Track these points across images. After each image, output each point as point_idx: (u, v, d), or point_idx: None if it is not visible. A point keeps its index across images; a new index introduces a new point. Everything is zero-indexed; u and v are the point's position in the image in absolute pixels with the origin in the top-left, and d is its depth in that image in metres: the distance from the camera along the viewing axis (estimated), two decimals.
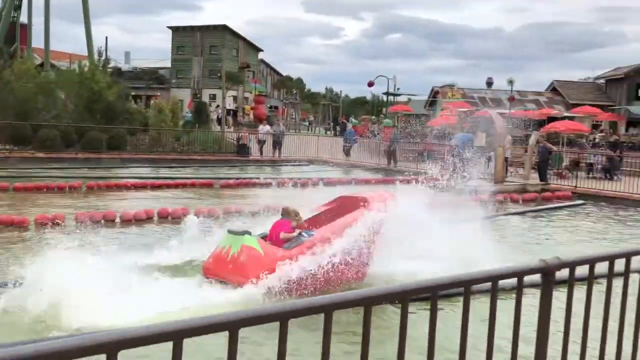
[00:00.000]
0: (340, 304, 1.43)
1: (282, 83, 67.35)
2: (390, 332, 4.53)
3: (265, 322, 1.34)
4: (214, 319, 1.29)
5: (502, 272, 1.84)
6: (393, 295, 1.60)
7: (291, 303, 1.44)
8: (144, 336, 1.21)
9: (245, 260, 6.64)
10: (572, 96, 45.70)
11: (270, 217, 12.19)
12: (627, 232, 12.30)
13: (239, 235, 6.94)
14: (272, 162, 26.27)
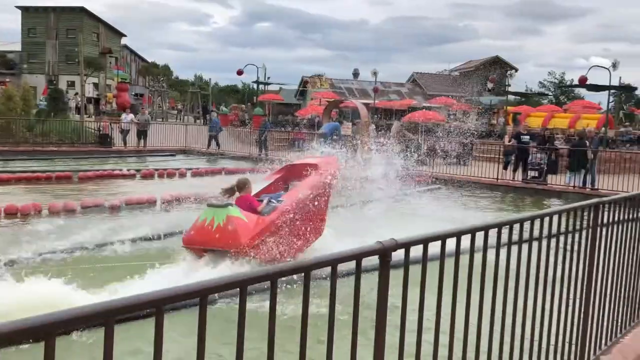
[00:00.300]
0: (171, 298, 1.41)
1: (147, 70, 64.55)
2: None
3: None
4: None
5: (341, 256, 1.91)
6: (233, 285, 1.59)
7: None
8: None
9: (234, 228, 7.09)
10: (430, 87, 48.79)
11: (135, 210, 11.80)
12: (472, 212, 13.38)
13: (221, 207, 7.36)
14: (137, 152, 25.14)
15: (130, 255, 8.10)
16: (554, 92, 66.67)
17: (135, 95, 59.06)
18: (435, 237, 2.27)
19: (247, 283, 1.59)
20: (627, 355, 3.98)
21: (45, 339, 1.23)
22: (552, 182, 17.09)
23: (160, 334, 1.43)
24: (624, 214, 4.04)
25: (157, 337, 1.42)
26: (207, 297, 1.50)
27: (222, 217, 7.18)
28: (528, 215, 2.93)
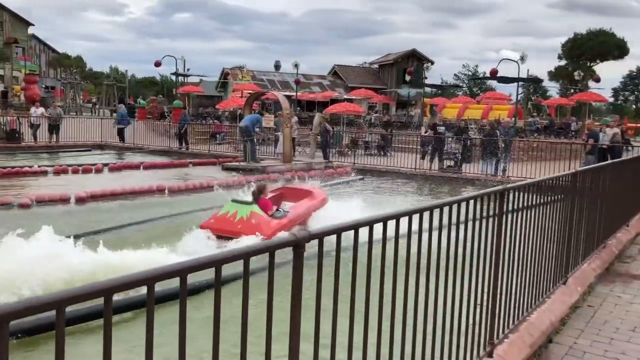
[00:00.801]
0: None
1: (58, 61, 61.29)
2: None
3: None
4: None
5: (253, 249, 1.90)
6: (139, 282, 1.56)
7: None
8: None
9: (258, 222, 8.33)
10: (351, 79, 49.44)
11: (46, 208, 11.20)
12: (394, 200, 13.76)
13: (246, 204, 8.68)
14: (49, 148, 23.88)
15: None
16: (468, 84, 69.49)
17: (46, 88, 55.99)
18: (348, 227, 2.31)
19: (155, 280, 1.56)
20: (533, 332, 4.23)
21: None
22: (466, 171, 17.83)
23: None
24: (529, 199, 4.28)
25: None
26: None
27: (246, 212, 8.40)
28: (438, 202, 3.04)
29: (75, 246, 6.83)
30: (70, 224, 9.51)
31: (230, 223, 8.33)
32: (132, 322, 5.24)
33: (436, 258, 3.01)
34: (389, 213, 2.59)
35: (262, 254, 1.93)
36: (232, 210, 8.53)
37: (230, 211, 8.53)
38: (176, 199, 13.09)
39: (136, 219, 10.04)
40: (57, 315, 1.33)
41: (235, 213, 8.43)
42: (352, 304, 2.37)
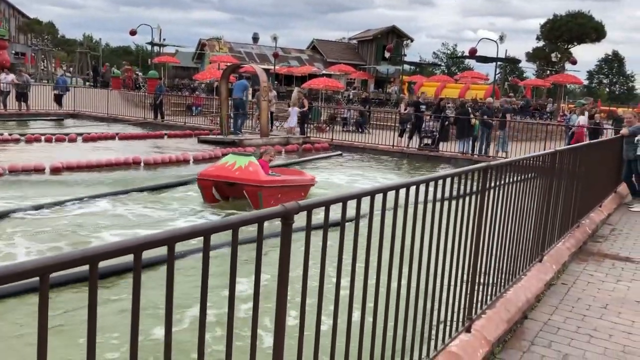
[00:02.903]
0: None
1: (29, 27, 59.46)
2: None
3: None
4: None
5: (242, 219, 1.86)
6: (125, 250, 1.50)
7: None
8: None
9: (255, 170, 9.00)
10: (330, 55, 49.06)
11: (20, 178, 10.94)
12: (373, 175, 13.81)
13: (245, 155, 9.79)
14: (19, 116, 23.28)
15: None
16: (446, 62, 69.58)
17: (16, 54, 54.39)
18: (336, 200, 2.28)
19: (142, 248, 1.51)
20: (510, 308, 4.29)
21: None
22: (443, 149, 17.94)
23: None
24: (509, 177, 4.30)
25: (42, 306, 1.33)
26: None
27: (244, 162, 9.10)
28: (424, 178, 3.02)
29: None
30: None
31: (229, 170, 9.00)
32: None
33: (420, 234, 3.01)
34: (377, 187, 2.56)
35: (251, 224, 1.89)
36: (231, 160, 9.23)
37: (229, 161, 9.22)
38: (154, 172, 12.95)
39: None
40: (41, 282, 1.29)
41: (234, 163, 9.10)
42: (338, 277, 2.35)
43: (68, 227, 7.64)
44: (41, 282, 1.31)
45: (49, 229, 7.45)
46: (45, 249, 6.64)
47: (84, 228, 7.62)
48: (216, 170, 9.24)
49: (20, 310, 4.92)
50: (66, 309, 4.92)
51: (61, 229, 7.49)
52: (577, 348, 4.00)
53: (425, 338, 3.20)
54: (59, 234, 7.26)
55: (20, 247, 6.71)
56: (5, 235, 7.15)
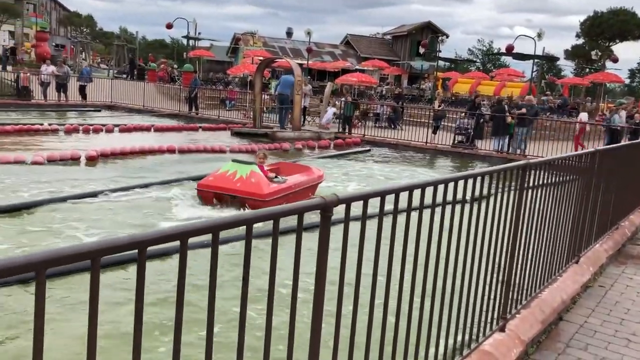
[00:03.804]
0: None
1: (69, 19, 60.83)
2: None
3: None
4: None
5: (282, 210, 1.88)
6: (173, 237, 1.54)
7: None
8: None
9: (257, 181, 8.44)
10: (363, 50, 48.86)
11: (59, 166, 11.24)
12: (405, 173, 13.72)
13: (246, 164, 8.87)
14: (58, 106, 23.84)
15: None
16: (481, 59, 68.60)
17: (56, 46, 55.68)
18: (375, 194, 2.28)
19: (188, 235, 1.54)
20: (545, 309, 4.23)
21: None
22: (477, 147, 17.71)
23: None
24: (548, 177, 4.23)
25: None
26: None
27: (246, 172, 8.52)
28: (462, 174, 3.00)
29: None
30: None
31: (229, 181, 8.46)
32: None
33: (457, 231, 2.99)
34: (416, 182, 2.55)
35: (290, 215, 1.91)
36: (231, 169, 8.65)
37: (229, 170, 8.65)
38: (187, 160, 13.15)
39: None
40: (93, 264, 1.33)
41: (235, 172, 8.56)
42: (375, 271, 2.35)
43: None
44: (93, 264, 1.35)
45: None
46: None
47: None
48: (216, 181, 8.66)
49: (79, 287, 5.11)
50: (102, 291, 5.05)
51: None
52: (614, 352, 3.92)
53: (459, 336, 3.18)
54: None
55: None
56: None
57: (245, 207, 8.05)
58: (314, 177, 9.75)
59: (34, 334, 1.26)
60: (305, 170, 10.11)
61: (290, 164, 10.86)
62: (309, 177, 9.65)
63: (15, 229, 7.01)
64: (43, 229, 7.09)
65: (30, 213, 7.70)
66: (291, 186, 8.97)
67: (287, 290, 2.20)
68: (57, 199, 8.30)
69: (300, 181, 9.32)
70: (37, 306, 1.25)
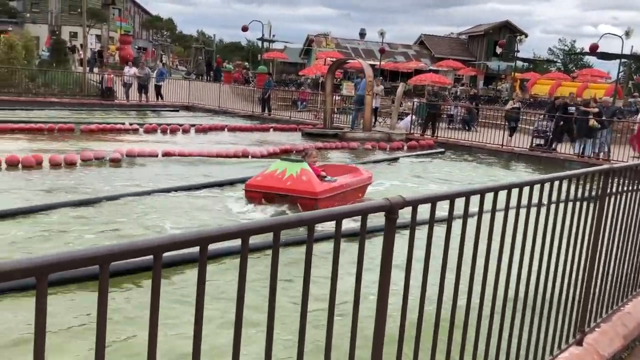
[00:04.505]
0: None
1: (151, 23, 63.55)
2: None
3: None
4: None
5: (345, 211, 1.84)
6: (235, 235, 1.53)
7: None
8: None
9: (309, 179, 8.08)
10: (438, 50, 48.00)
11: (135, 163, 11.73)
12: (478, 178, 13.32)
13: (296, 162, 8.52)
14: (139, 107, 24.92)
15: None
16: (562, 59, 65.75)
17: (139, 49, 58.28)
18: (444, 196, 2.19)
19: (249, 233, 1.52)
20: (628, 323, 3.96)
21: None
22: (557, 151, 16.97)
23: (158, 277, 1.38)
24: (633, 182, 3.96)
25: (154, 282, 1.37)
26: (206, 247, 1.46)
27: (296, 170, 8.19)
28: (538, 178, 2.85)
29: None
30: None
31: (279, 180, 8.17)
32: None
33: (532, 238, 2.84)
34: (488, 185, 2.44)
35: (354, 216, 1.86)
36: (280, 168, 8.35)
37: (278, 169, 8.35)
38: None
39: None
40: (155, 260, 1.34)
41: (285, 171, 8.25)
42: (442, 280, 2.26)
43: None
44: (155, 260, 1.36)
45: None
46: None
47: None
48: (265, 180, 8.34)
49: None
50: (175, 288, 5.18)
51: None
52: None
53: (532, 347, 3.02)
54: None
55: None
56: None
57: (297, 207, 7.85)
58: (363, 177, 9.52)
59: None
60: (353, 171, 9.86)
61: (337, 165, 10.57)
62: (358, 178, 9.41)
63: (98, 219, 7.36)
64: (123, 220, 7.43)
65: (112, 205, 8.09)
66: (342, 185, 8.71)
67: (344, 298, 2.16)
68: (140, 193, 8.72)
69: (351, 181, 9.08)
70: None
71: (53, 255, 1.20)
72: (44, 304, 1.19)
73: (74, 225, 7.08)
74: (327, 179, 8.62)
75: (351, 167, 10.18)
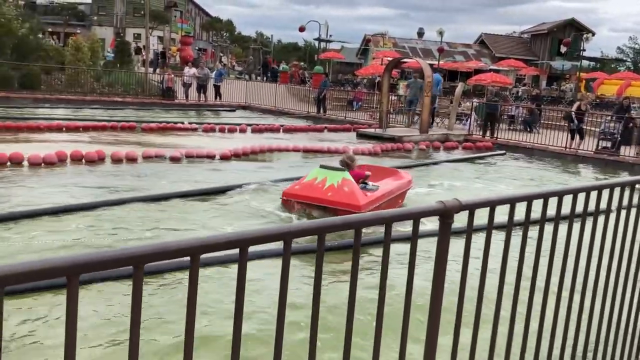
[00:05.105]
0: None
1: (211, 24, 64.90)
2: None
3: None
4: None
5: (397, 214, 1.72)
6: (277, 237, 1.44)
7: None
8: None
9: (352, 190, 7.48)
10: (499, 49, 46.78)
11: (195, 162, 11.93)
12: (539, 181, 12.81)
13: (337, 170, 7.80)
14: (198, 106, 25.45)
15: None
16: (632, 58, 62.76)
17: (199, 50, 59.60)
18: (504, 200, 2.04)
19: (292, 235, 1.43)
20: None
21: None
22: (624, 154, 16.15)
23: (195, 282, 1.31)
24: None
25: (191, 287, 1.31)
26: (247, 248, 1.38)
27: (337, 179, 7.57)
28: (608, 182, 2.63)
29: None
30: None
31: (319, 190, 7.57)
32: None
33: (598, 248, 2.62)
34: (552, 189, 2.26)
35: (406, 220, 1.74)
36: (320, 176, 7.72)
37: (318, 177, 7.73)
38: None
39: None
40: (192, 261, 1.27)
41: (325, 179, 7.63)
42: (500, 294, 2.10)
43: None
44: (192, 262, 1.29)
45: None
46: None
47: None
48: (304, 190, 7.73)
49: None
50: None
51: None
52: None
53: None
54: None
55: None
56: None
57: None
58: (404, 182, 8.83)
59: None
60: (393, 174, 9.16)
61: (376, 166, 9.80)
62: (399, 183, 8.72)
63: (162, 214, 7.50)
64: (181, 217, 7.54)
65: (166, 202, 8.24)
66: (385, 194, 8.05)
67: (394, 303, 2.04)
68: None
69: (392, 188, 8.39)
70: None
71: (86, 255, 1.15)
72: (75, 304, 1.14)
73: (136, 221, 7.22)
74: (368, 186, 8.09)
75: (391, 170, 9.55)
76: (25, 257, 5.60)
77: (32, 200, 7.73)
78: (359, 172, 8.12)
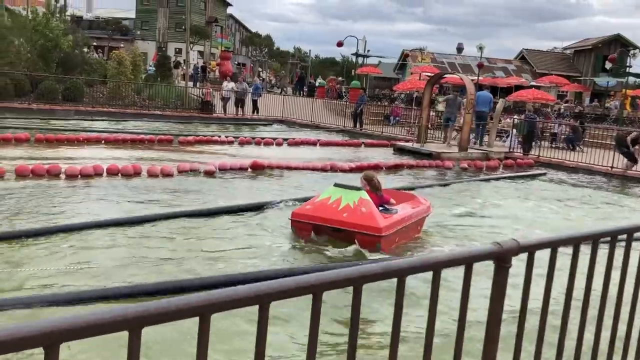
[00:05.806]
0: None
1: (250, 40, 65.75)
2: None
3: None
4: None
5: (447, 259, 1.50)
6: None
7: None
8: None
9: (370, 211, 6.89)
10: (540, 65, 45.90)
11: (230, 176, 11.88)
12: (590, 206, 12.22)
13: (353, 189, 7.24)
14: (235, 120, 25.59)
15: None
16: None
17: (238, 65, 60.40)
18: (567, 240, 1.79)
19: (323, 288, 1.23)
20: None
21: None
22: None
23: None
24: None
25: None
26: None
27: (354, 199, 7.02)
28: None
29: None
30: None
31: (333, 211, 6.97)
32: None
33: None
34: (619, 227, 2.00)
35: (456, 265, 1.52)
36: (335, 195, 7.15)
37: (332, 197, 7.15)
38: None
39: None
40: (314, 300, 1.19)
41: (340, 199, 7.06)
42: (561, 342, 1.86)
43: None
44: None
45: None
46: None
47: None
48: (316, 210, 7.11)
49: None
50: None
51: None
52: None
53: None
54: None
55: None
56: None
57: (355, 244, 6.80)
58: (423, 208, 8.11)
59: None
60: (411, 199, 8.47)
61: (391, 191, 9.03)
62: (418, 209, 8.00)
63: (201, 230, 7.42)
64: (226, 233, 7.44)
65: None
66: (405, 218, 7.39)
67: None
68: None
69: (412, 212, 7.70)
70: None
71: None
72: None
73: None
74: (390, 210, 7.43)
75: (409, 195, 8.92)
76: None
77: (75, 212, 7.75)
78: (386, 196, 7.62)
